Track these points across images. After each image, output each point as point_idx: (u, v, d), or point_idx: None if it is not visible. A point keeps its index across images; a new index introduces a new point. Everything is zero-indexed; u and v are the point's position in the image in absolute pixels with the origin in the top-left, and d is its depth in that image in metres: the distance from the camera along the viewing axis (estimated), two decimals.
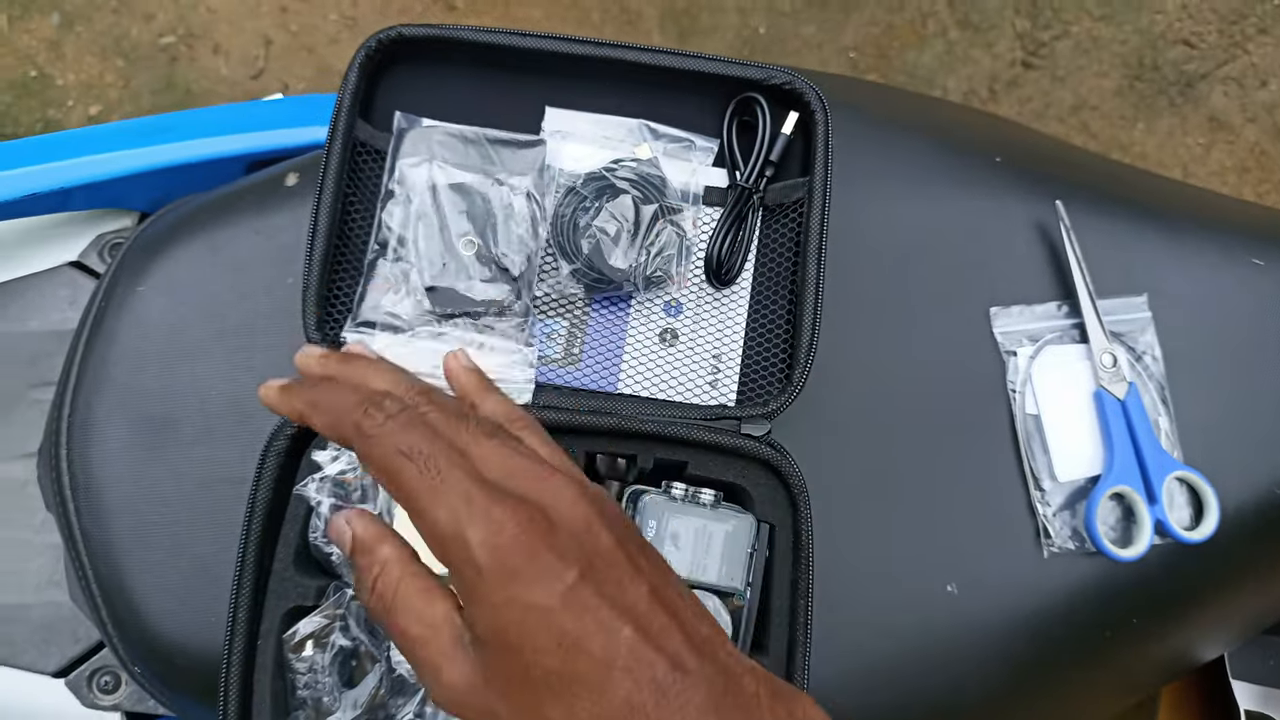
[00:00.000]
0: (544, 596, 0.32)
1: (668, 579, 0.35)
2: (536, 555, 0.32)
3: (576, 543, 0.33)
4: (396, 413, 0.35)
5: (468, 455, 0.35)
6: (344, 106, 0.56)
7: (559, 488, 0.34)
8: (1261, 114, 1.49)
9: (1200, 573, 0.63)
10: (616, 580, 0.33)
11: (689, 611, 0.34)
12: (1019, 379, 0.62)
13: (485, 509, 0.33)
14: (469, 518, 0.32)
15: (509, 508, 0.33)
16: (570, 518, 0.34)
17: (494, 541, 0.32)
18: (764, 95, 0.58)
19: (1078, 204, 0.64)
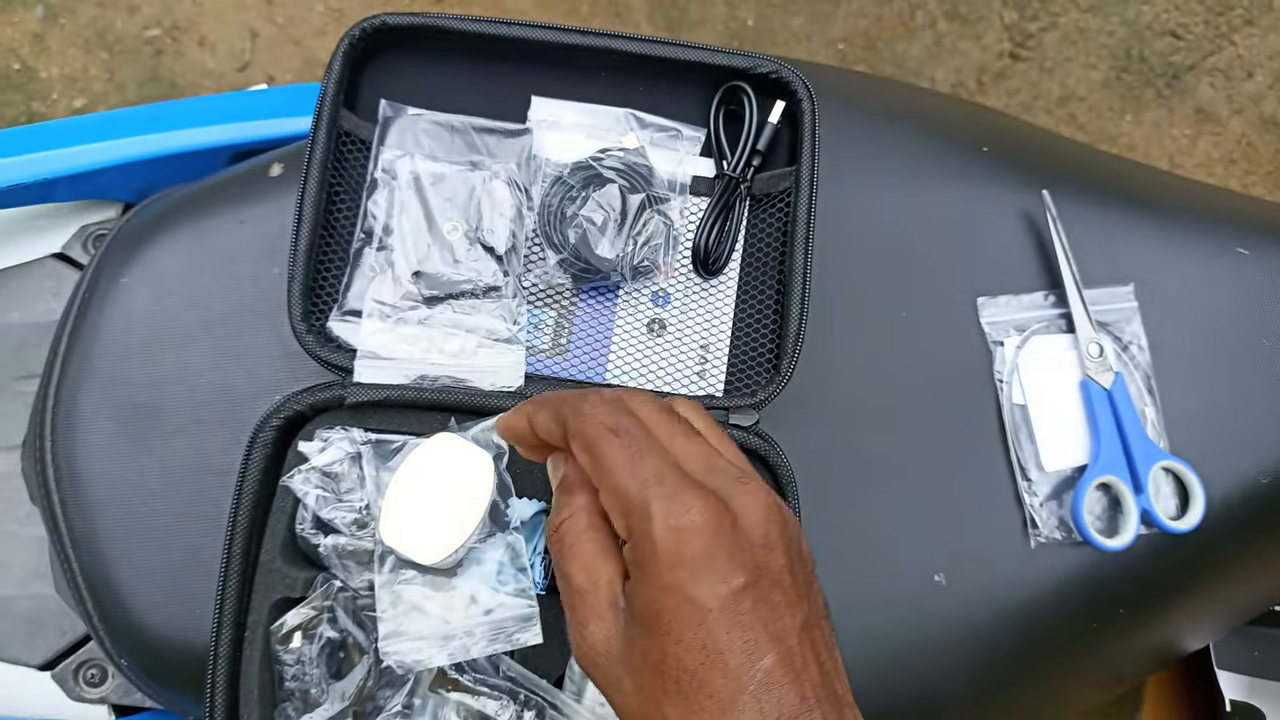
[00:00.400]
0: (706, 594, 0.32)
1: (821, 618, 0.36)
2: (712, 551, 0.33)
3: (752, 553, 0.33)
4: (610, 399, 0.37)
5: (671, 447, 0.36)
6: (328, 96, 0.55)
7: (753, 494, 0.35)
8: (1248, 105, 1.50)
9: (1186, 562, 0.63)
10: (776, 604, 0.33)
11: (829, 659, 0.35)
12: (1006, 369, 0.62)
13: (676, 490, 0.33)
14: (658, 494, 0.33)
15: (699, 496, 0.33)
16: (754, 526, 0.34)
17: (676, 522, 0.33)
18: (751, 84, 0.58)
19: (1064, 194, 0.64)
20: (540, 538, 0.52)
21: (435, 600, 0.49)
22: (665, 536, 0.33)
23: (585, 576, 0.36)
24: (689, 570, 0.32)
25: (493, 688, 0.50)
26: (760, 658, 0.32)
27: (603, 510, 0.37)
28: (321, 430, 0.52)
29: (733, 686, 0.32)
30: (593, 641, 0.35)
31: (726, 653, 0.32)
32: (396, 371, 0.53)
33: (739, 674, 0.32)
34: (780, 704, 0.32)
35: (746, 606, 0.33)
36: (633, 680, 0.34)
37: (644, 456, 0.35)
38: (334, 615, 0.52)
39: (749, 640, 0.32)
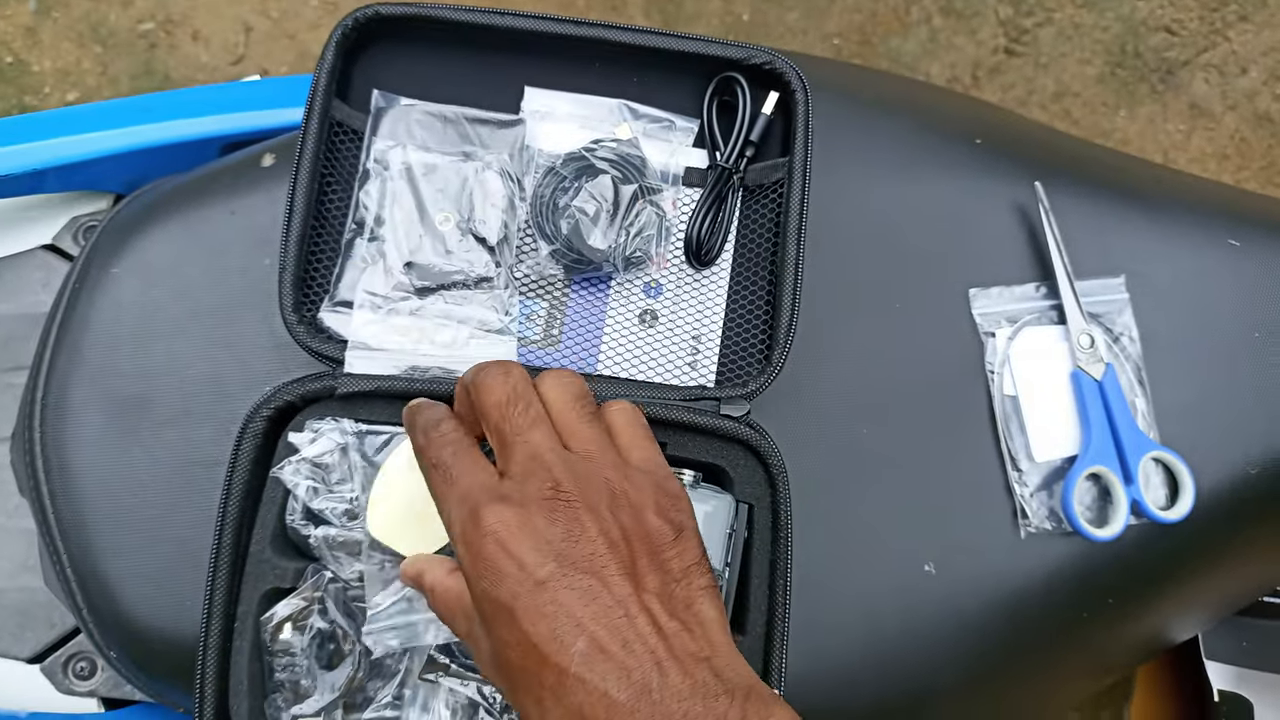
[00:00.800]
0: (507, 594, 0.35)
1: (668, 585, 0.36)
2: (504, 559, 0.35)
3: (551, 548, 0.35)
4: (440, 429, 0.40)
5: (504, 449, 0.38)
6: (320, 86, 0.55)
7: (552, 498, 0.36)
8: (1242, 101, 1.50)
9: (1175, 553, 0.63)
10: (588, 587, 0.35)
11: (676, 623, 0.35)
12: (997, 360, 0.62)
13: (474, 512, 0.36)
14: (458, 519, 0.37)
15: (493, 511, 0.36)
16: (551, 526, 0.36)
17: (470, 540, 0.36)
18: (744, 75, 0.58)
19: (1057, 186, 0.64)
20: None
21: None
22: (464, 554, 0.36)
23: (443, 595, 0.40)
24: (489, 579, 0.35)
25: (481, 675, 0.50)
26: (574, 641, 0.34)
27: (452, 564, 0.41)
28: (312, 421, 0.52)
29: (556, 672, 0.33)
30: (470, 647, 0.38)
31: (539, 643, 0.34)
32: (387, 362, 0.53)
33: (557, 660, 0.33)
34: (604, 678, 0.33)
35: (546, 598, 0.34)
36: (497, 678, 0.36)
37: (452, 483, 0.38)
38: (324, 606, 0.52)
39: (556, 628, 0.34)
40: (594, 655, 0.33)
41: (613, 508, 0.37)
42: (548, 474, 0.37)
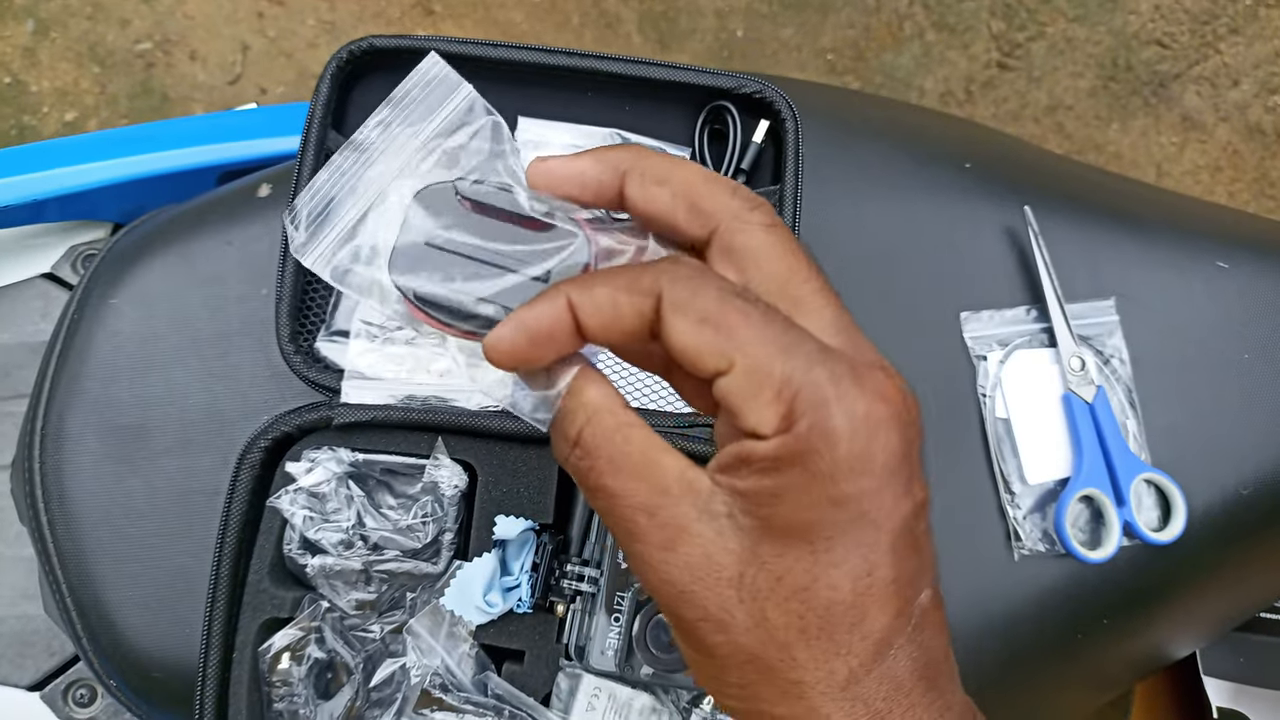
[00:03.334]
0: (889, 508, 0.25)
1: None
2: (902, 456, 0.25)
3: (918, 464, 0.26)
4: (694, 262, 0.28)
5: (798, 305, 0.28)
6: (315, 117, 0.56)
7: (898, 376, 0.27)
8: (1234, 113, 1.51)
9: (1169, 573, 0.63)
10: (929, 527, 0.27)
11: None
12: (989, 383, 0.63)
13: (859, 371, 0.25)
14: (835, 374, 0.25)
15: (888, 380, 0.26)
16: (916, 418, 0.26)
17: (867, 412, 0.25)
18: (735, 104, 0.58)
19: (1046, 209, 0.65)
20: (527, 555, 0.52)
21: None
22: (848, 428, 0.24)
23: (644, 486, 0.26)
24: (876, 478, 0.25)
25: (479, 706, 0.50)
26: (920, 590, 0.26)
27: (623, 398, 0.28)
28: (309, 451, 0.53)
29: (893, 624, 0.26)
30: (689, 564, 0.26)
31: (896, 582, 0.25)
32: (383, 391, 0.54)
33: (903, 608, 0.26)
34: (930, 647, 0.26)
35: (922, 527, 0.26)
36: (748, 611, 0.25)
37: (795, 326, 0.26)
38: (322, 636, 0.52)
39: (918, 569, 0.26)
40: (927, 614, 0.27)
41: None
42: (870, 347, 0.27)
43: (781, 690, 0.26)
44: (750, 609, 0.25)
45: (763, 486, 0.25)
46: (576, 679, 0.51)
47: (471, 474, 0.54)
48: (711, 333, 0.25)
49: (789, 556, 0.25)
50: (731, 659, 0.26)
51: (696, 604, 0.26)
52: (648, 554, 0.26)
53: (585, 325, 0.27)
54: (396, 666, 0.52)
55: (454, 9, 1.55)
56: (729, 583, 0.26)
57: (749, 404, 0.25)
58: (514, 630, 0.52)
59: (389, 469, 0.54)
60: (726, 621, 0.26)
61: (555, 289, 0.27)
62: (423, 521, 0.53)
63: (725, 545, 0.26)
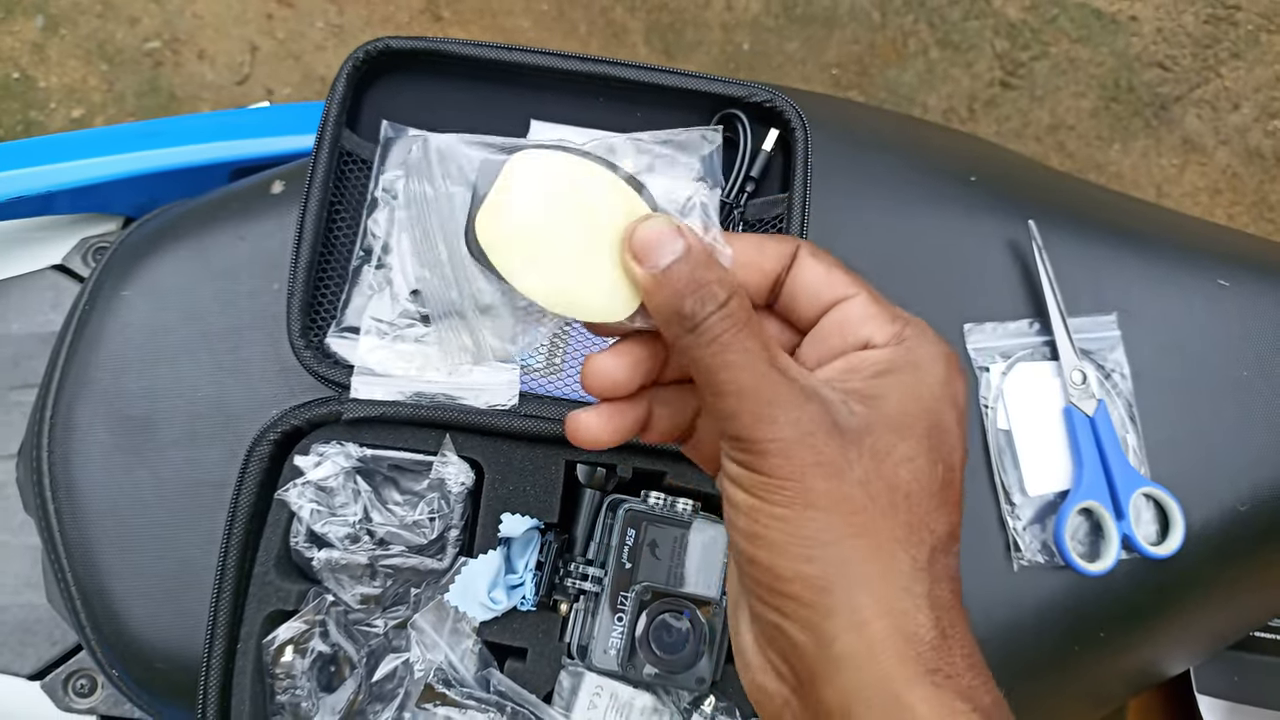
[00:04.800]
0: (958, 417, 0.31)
1: None
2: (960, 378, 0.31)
3: None
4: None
5: None
6: (331, 117, 0.56)
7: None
8: (1234, 137, 1.52)
9: (1166, 587, 0.64)
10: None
11: None
12: (991, 395, 0.63)
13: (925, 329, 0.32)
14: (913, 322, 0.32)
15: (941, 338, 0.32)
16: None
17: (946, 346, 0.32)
18: (746, 112, 0.59)
19: (1050, 224, 0.65)
20: (532, 553, 0.53)
21: None
22: (933, 357, 0.31)
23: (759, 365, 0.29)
24: (947, 401, 0.30)
25: (481, 702, 0.50)
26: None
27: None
28: (317, 445, 0.53)
29: (955, 527, 0.30)
30: (813, 417, 0.29)
31: (959, 493, 0.31)
32: (392, 388, 0.54)
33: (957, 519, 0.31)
34: (956, 581, 0.30)
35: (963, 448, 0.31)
36: (867, 466, 0.29)
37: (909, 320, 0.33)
38: (326, 629, 0.53)
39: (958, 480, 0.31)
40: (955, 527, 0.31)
41: None
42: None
43: (875, 548, 0.29)
44: (867, 465, 0.29)
45: (871, 386, 0.30)
46: (579, 677, 0.51)
47: (478, 472, 0.54)
48: (841, 272, 0.33)
49: (893, 439, 0.29)
50: (833, 509, 0.29)
51: (817, 447, 0.29)
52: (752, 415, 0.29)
53: (736, 259, 0.32)
54: (399, 661, 0.53)
55: (461, 15, 1.56)
56: (851, 439, 0.29)
57: (870, 322, 0.31)
58: (517, 628, 0.52)
59: (396, 465, 0.55)
60: (843, 469, 0.29)
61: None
62: (429, 518, 0.53)
63: (849, 411, 0.29)
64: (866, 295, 0.32)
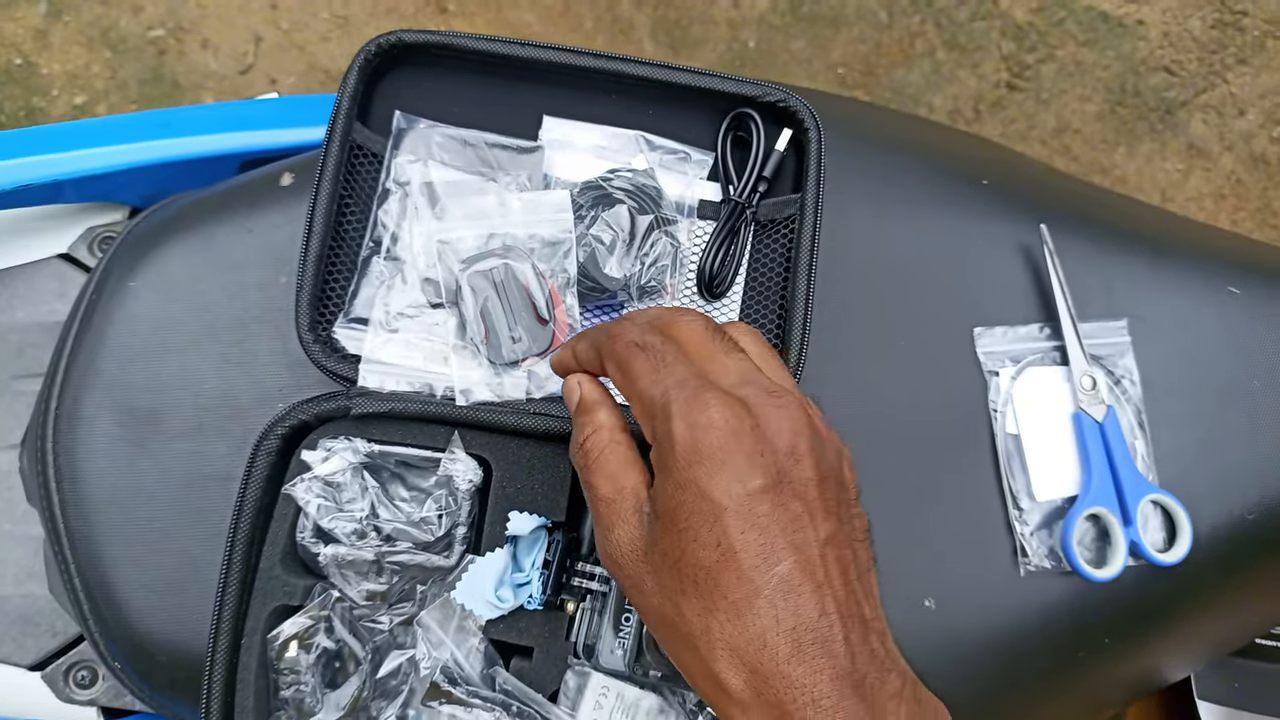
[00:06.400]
0: (721, 492, 0.32)
1: (855, 541, 0.35)
2: (730, 449, 0.33)
3: (774, 459, 0.33)
4: (644, 321, 0.39)
5: (705, 363, 0.37)
6: (342, 108, 0.56)
7: (783, 407, 0.35)
8: (1239, 142, 1.52)
9: (1172, 594, 0.64)
10: (797, 514, 0.33)
11: (859, 581, 0.34)
12: (1000, 399, 0.63)
13: (697, 392, 0.34)
14: (679, 396, 0.34)
15: (719, 397, 0.34)
16: (779, 434, 0.34)
17: (694, 419, 0.33)
18: (759, 111, 0.59)
19: (1062, 228, 0.65)
20: (539, 552, 0.52)
21: None
22: (683, 432, 0.33)
23: (610, 485, 0.37)
24: (705, 466, 0.33)
25: (486, 700, 0.50)
26: (776, 563, 0.32)
27: (624, 426, 0.39)
28: (325, 439, 0.53)
29: (747, 588, 0.32)
30: (617, 543, 0.36)
31: (740, 552, 0.32)
32: (401, 378, 0.54)
33: (753, 576, 0.32)
34: (797, 613, 0.31)
35: (764, 509, 0.32)
36: (654, 579, 0.34)
37: (669, 365, 0.36)
38: (331, 625, 0.52)
39: (764, 543, 0.32)
40: (791, 585, 0.32)
41: (817, 444, 0.35)
42: (765, 389, 0.35)
43: (681, 641, 0.34)
44: (654, 578, 0.35)
45: (652, 490, 0.36)
46: (585, 677, 0.51)
47: (486, 469, 0.54)
48: (619, 375, 0.38)
49: (667, 537, 0.34)
50: (649, 614, 0.36)
51: (626, 572, 0.36)
52: (599, 533, 0.38)
53: (578, 361, 0.42)
54: (404, 658, 0.52)
55: (466, 7, 1.55)
56: (642, 557, 0.35)
57: (640, 424, 0.37)
58: (524, 627, 0.52)
59: (404, 461, 0.54)
60: (641, 586, 0.35)
61: (570, 340, 0.43)
62: (436, 515, 0.53)
63: (641, 533, 0.36)
64: (632, 395, 0.37)
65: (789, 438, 0.34)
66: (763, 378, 0.36)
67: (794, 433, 0.34)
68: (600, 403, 0.40)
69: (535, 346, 0.55)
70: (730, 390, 0.35)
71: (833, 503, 0.35)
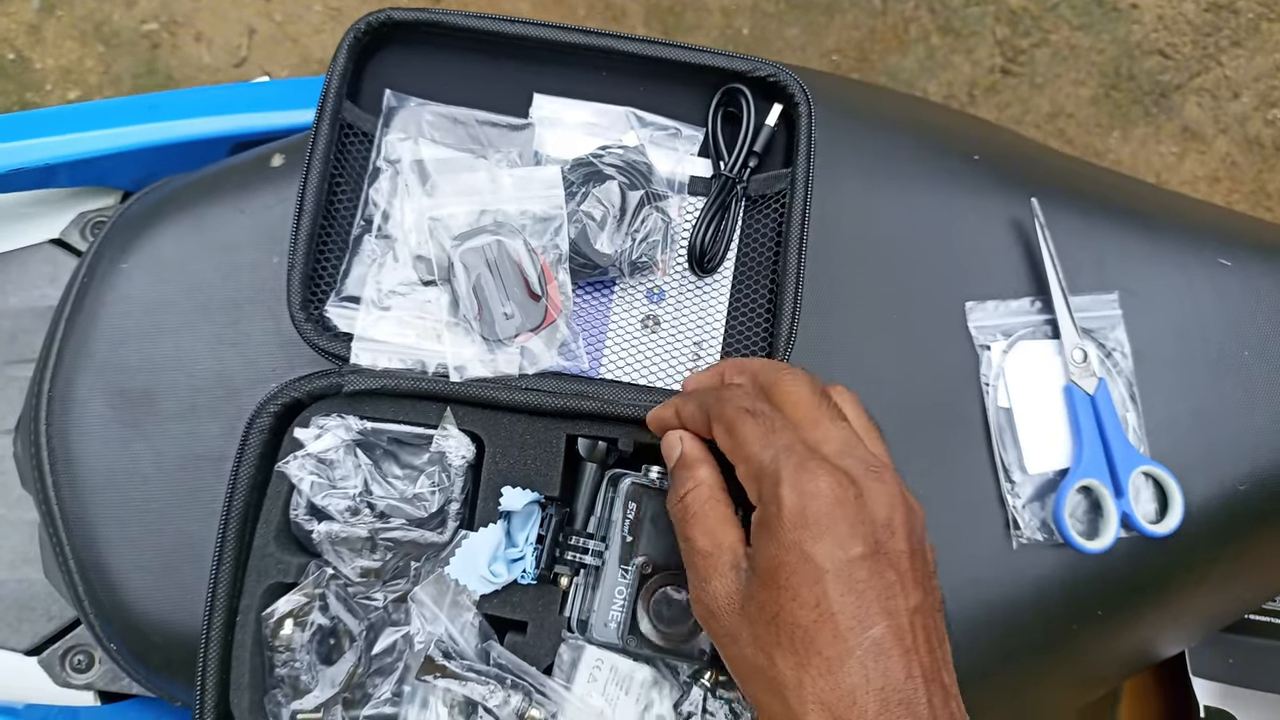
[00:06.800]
0: (824, 556, 0.35)
1: (936, 611, 0.38)
2: (834, 517, 0.36)
3: (873, 529, 0.36)
4: (751, 389, 0.42)
5: (811, 429, 0.39)
6: (332, 87, 0.56)
7: (883, 481, 0.38)
8: (1233, 125, 1.52)
9: (1164, 566, 0.64)
10: (890, 582, 0.36)
11: (940, 649, 0.37)
12: (992, 373, 0.63)
13: (804, 460, 0.37)
14: (788, 462, 0.37)
15: (828, 469, 0.36)
16: (878, 507, 0.37)
17: (802, 486, 0.36)
18: (749, 87, 0.59)
19: (1053, 202, 0.65)
20: (532, 527, 0.52)
21: None
22: (791, 497, 0.36)
23: (709, 540, 0.40)
24: (811, 531, 0.35)
25: (481, 674, 0.50)
26: (870, 626, 0.34)
27: (723, 484, 0.42)
28: (318, 417, 0.53)
29: (841, 647, 0.34)
30: (714, 594, 0.39)
31: (838, 614, 0.34)
32: (393, 356, 0.54)
33: (848, 636, 0.34)
34: (886, 674, 0.34)
35: (862, 575, 0.35)
36: (749, 631, 0.37)
37: (777, 432, 0.38)
38: (325, 602, 0.53)
39: (861, 607, 0.35)
40: (882, 649, 0.34)
41: (910, 518, 0.38)
42: (866, 462, 0.38)
43: (770, 690, 0.36)
44: (749, 631, 0.37)
45: (753, 547, 0.38)
46: (579, 650, 0.51)
47: (479, 445, 0.54)
48: (728, 438, 0.40)
49: (766, 592, 0.36)
50: (739, 664, 0.38)
51: (720, 623, 0.39)
52: (694, 585, 0.40)
53: (682, 419, 0.45)
54: (399, 635, 0.53)
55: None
56: (738, 610, 0.38)
57: (746, 486, 0.39)
58: (517, 601, 0.52)
59: (396, 439, 0.55)
60: (735, 638, 0.38)
61: (673, 399, 0.46)
62: (429, 491, 0.53)
63: (738, 587, 0.38)
64: (739, 458, 0.39)
65: (886, 510, 0.37)
66: (863, 449, 0.39)
67: (891, 506, 0.37)
68: (702, 460, 0.43)
69: (528, 322, 0.55)
70: (834, 459, 0.38)
71: (920, 574, 0.37)
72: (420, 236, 0.55)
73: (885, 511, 0.37)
